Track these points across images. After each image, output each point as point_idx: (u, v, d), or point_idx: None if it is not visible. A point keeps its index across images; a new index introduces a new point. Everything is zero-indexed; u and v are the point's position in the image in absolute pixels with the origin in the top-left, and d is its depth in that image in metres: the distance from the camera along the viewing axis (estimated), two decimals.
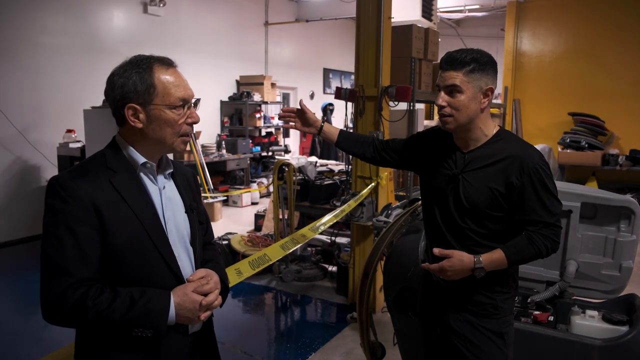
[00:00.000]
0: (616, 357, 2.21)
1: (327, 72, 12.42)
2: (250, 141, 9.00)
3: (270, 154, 9.47)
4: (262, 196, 8.68)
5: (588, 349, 2.23)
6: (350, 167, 4.29)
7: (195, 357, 1.44)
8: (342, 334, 3.72)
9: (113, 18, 7.12)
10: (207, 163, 7.48)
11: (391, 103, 3.95)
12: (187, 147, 6.95)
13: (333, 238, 4.78)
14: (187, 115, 1.33)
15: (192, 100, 1.35)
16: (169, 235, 1.34)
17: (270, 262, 2.61)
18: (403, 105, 4.22)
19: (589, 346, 2.23)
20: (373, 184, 3.94)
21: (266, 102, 9.34)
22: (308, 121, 2.00)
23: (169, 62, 1.33)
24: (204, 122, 8.21)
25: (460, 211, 1.71)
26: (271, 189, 5.55)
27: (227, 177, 8.47)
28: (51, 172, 6.18)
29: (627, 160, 7.79)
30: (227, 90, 9.27)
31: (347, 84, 12.64)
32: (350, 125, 4.27)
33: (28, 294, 4.47)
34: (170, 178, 1.43)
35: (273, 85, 9.50)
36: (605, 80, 8.38)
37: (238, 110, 9.24)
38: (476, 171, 1.69)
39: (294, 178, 4.73)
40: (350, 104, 4.10)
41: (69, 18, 6.51)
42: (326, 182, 4.86)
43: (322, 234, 4.48)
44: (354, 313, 3.84)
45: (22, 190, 6.12)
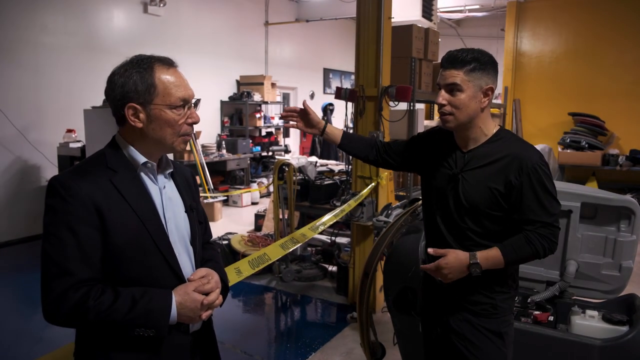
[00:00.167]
0: (616, 357, 2.21)
1: (327, 72, 12.42)
2: (251, 141, 9.01)
3: (270, 153, 9.48)
4: (262, 196, 8.68)
5: (588, 349, 2.23)
6: (350, 167, 4.29)
7: (196, 356, 1.44)
8: (342, 334, 3.72)
9: (113, 18, 7.12)
10: (207, 163, 7.48)
11: (391, 103, 3.95)
12: (187, 147, 6.95)
13: (333, 238, 4.78)
14: (187, 116, 1.33)
15: (193, 100, 1.35)
16: (169, 235, 1.34)
17: (270, 262, 2.61)
18: (403, 105, 4.23)
19: (589, 346, 2.24)
20: (373, 184, 3.94)
21: (266, 102, 9.34)
22: (311, 122, 1.99)
23: (170, 62, 1.33)
24: (204, 122, 8.20)
25: (459, 210, 1.71)
26: (271, 189, 5.55)
27: (227, 177, 8.47)
28: (51, 172, 6.18)
29: (627, 161, 7.79)
30: (227, 90, 9.27)
31: (347, 84, 12.64)
32: (351, 125, 4.27)
33: (28, 294, 4.47)
34: (170, 178, 1.43)
35: (273, 85, 9.51)
36: (605, 80, 8.37)
37: (238, 110, 9.25)
38: (476, 170, 1.69)
39: (294, 178, 4.73)
40: (350, 104, 4.10)
41: (69, 18, 6.51)
42: (326, 182, 4.86)
43: (322, 233, 4.49)
44: (354, 313, 3.84)
45: (22, 190, 6.12)
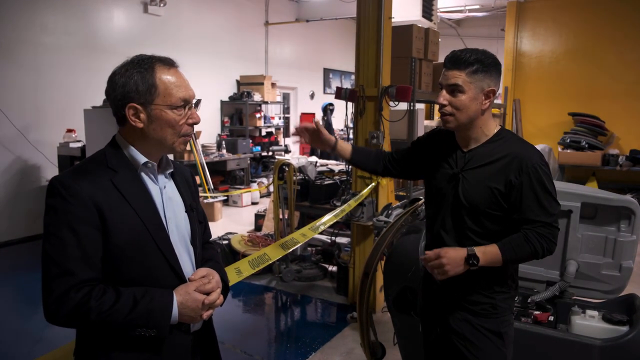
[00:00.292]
0: (616, 357, 2.21)
1: (327, 72, 12.42)
2: (251, 141, 9.01)
3: (270, 153, 9.48)
4: (262, 196, 8.68)
5: (588, 349, 2.23)
6: (350, 167, 4.29)
7: (197, 356, 1.44)
8: (342, 334, 3.72)
9: (113, 18, 7.13)
10: (207, 163, 7.48)
11: (391, 103, 3.95)
12: (188, 147, 6.96)
13: (333, 238, 4.78)
14: (188, 116, 1.33)
15: (193, 100, 1.35)
16: (170, 235, 1.34)
17: (270, 262, 2.61)
18: (403, 105, 4.23)
19: (589, 346, 2.24)
20: (373, 183, 3.94)
21: (266, 102, 9.34)
22: (323, 140, 1.99)
23: (171, 62, 1.33)
24: (204, 122, 8.19)
25: (459, 210, 1.71)
26: (271, 188, 5.55)
27: (227, 177, 8.47)
28: (51, 171, 6.18)
29: (627, 161, 7.79)
30: (228, 90, 9.27)
31: (347, 84, 12.64)
32: (351, 125, 4.27)
33: (28, 294, 4.47)
34: (170, 178, 1.43)
35: (273, 85, 9.51)
36: (605, 80, 8.37)
37: (238, 110, 9.25)
38: (476, 170, 1.70)
39: (294, 178, 4.73)
40: (350, 104, 4.10)
41: (70, 18, 6.51)
42: (326, 182, 4.85)
43: (322, 233, 4.49)
44: (354, 313, 3.84)
45: (22, 190, 6.12)
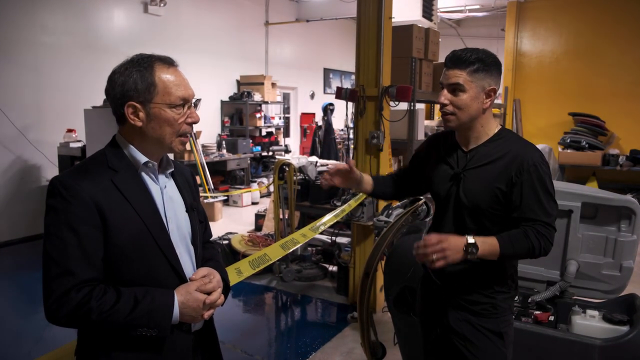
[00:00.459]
0: (616, 357, 2.22)
1: (327, 72, 12.42)
2: (251, 141, 9.01)
3: (270, 153, 9.48)
4: (262, 196, 8.68)
5: (588, 349, 2.23)
6: None
7: (198, 356, 1.44)
8: (343, 334, 3.72)
9: (113, 17, 7.13)
10: (207, 163, 7.48)
11: (392, 103, 3.95)
12: (188, 147, 6.96)
13: (333, 238, 4.78)
14: (186, 115, 1.33)
15: (193, 100, 1.35)
16: (170, 235, 1.34)
17: (271, 262, 2.61)
18: (403, 105, 4.23)
19: (589, 346, 2.24)
20: None
21: (266, 102, 9.34)
22: (352, 178, 1.88)
23: (170, 61, 1.33)
24: (204, 122, 8.21)
25: (460, 209, 1.71)
26: (271, 188, 5.55)
27: (228, 177, 8.47)
28: (51, 171, 6.18)
29: (627, 161, 7.78)
30: (228, 90, 9.28)
31: (348, 84, 12.64)
32: (351, 125, 4.27)
33: (28, 294, 4.48)
34: (170, 177, 1.43)
35: (273, 85, 9.51)
36: (605, 80, 8.37)
37: (238, 110, 9.25)
38: (477, 169, 1.70)
39: (295, 178, 4.73)
40: (350, 104, 4.11)
41: (70, 17, 6.51)
42: None
43: (322, 233, 4.48)
44: (354, 313, 3.84)
45: (22, 189, 6.12)
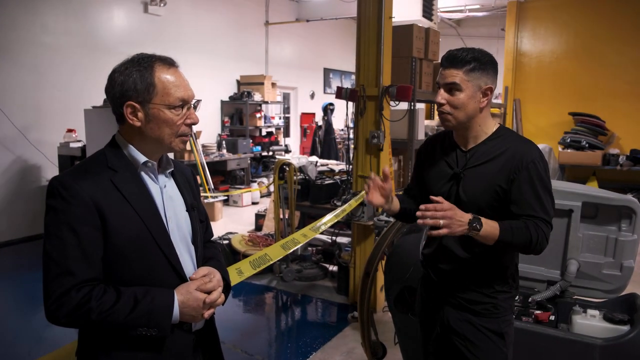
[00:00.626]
0: (617, 357, 2.21)
1: (327, 72, 12.42)
2: (251, 141, 9.01)
3: (270, 153, 9.48)
4: (262, 196, 8.68)
5: (589, 349, 2.23)
6: (350, 166, 4.29)
7: (198, 355, 1.44)
8: (343, 334, 3.71)
9: (113, 18, 7.13)
10: (207, 163, 7.48)
11: (392, 103, 3.95)
12: (188, 147, 6.96)
13: (334, 238, 4.78)
14: (186, 116, 1.32)
15: (193, 101, 1.34)
16: (170, 234, 1.34)
17: (271, 262, 2.61)
18: (404, 105, 4.23)
19: (590, 345, 2.23)
20: None
21: (267, 102, 9.35)
22: (387, 193, 1.78)
23: (171, 62, 1.33)
24: (204, 122, 8.22)
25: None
26: (271, 188, 5.55)
27: (228, 177, 8.47)
28: (52, 171, 6.18)
29: (627, 160, 7.78)
30: (228, 90, 9.28)
31: (348, 84, 12.64)
32: (351, 125, 4.27)
33: (28, 294, 4.48)
34: (170, 177, 1.42)
35: (273, 85, 9.51)
36: (605, 80, 8.36)
37: (238, 110, 9.25)
38: (477, 168, 1.70)
39: (295, 178, 4.73)
40: (351, 104, 4.11)
41: (70, 17, 6.51)
42: (327, 182, 4.85)
43: (322, 233, 4.48)
44: (354, 312, 3.84)
45: (22, 189, 6.12)
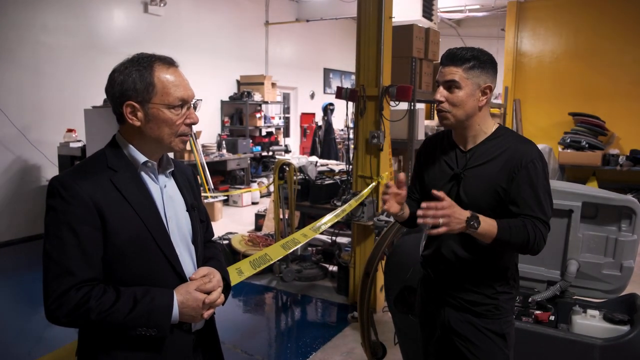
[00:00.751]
0: (617, 357, 2.21)
1: (327, 72, 12.42)
2: (251, 141, 9.01)
3: (270, 153, 9.48)
4: (262, 196, 8.68)
5: (589, 349, 2.23)
6: (350, 166, 4.29)
7: (198, 355, 1.44)
8: (343, 334, 3.71)
9: (113, 17, 7.13)
10: (207, 163, 7.48)
11: (392, 103, 3.95)
12: (188, 147, 6.95)
13: (334, 238, 4.78)
14: (185, 116, 1.32)
15: (193, 101, 1.34)
16: (170, 234, 1.34)
17: (271, 262, 2.61)
18: (404, 105, 4.23)
19: (590, 346, 2.23)
20: (374, 183, 3.94)
21: (267, 102, 9.35)
22: (401, 199, 1.72)
23: (171, 62, 1.32)
24: (204, 122, 8.21)
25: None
26: (271, 188, 5.55)
27: (228, 177, 8.47)
28: (52, 171, 6.18)
29: (627, 161, 7.78)
30: (228, 90, 9.27)
31: (348, 84, 12.64)
32: (351, 125, 4.27)
33: (28, 294, 4.48)
34: (171, 177, 1.42)
35: (273, 85, 9.51)
36: (605, 80, 8.37)
37: (238, 110, 9.25)
38: (477, 168, 1.69)
39: (295, 178, 4.73)
40: (351, 104, 4.11)
41: (70, 17, 6.51)
42: (327, 182, 4.85)
43: (322, 233, 4.49)
44: (354, 312, 3.84)
45: (22, 189, 6.12)
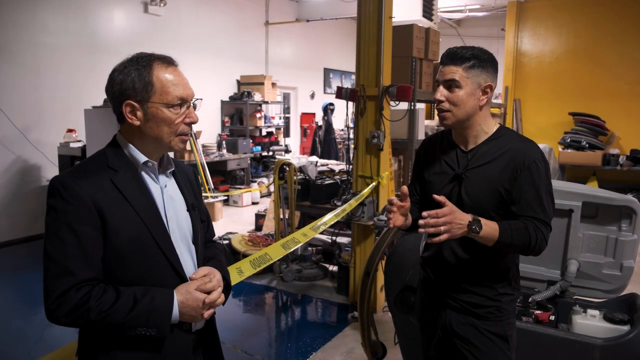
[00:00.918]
0: (617, 357, 2.21)
1: (327, 71, 12.42)
2: (251, 141, 9.01)
3: (270, 153, 9.48)
4: (262, 196, 8.68)
5: (589, 348, 2.23)
6: (351, 166, 4.29)
7: (198, 355, 1.44)
8: (343, 334, 3.71)
9: (114, 18, 7.13)
10: (207, 163, 7.48)
11: (392, 102, 3.95)
12: (188, 147, 6.95)
13: (334, 238, 4.78)
14: (185, 115, 1.32)
15: (192, 100, 1.34)
16: (171, 234, 1.34)
17: (272, 261, 2.61)
18: (404, 105, 4.23)
19: (590, 345, 2.23)
20: (374, 183, 3.94)
21: (267, 102, 9.35)
22: (405, 211, 1.69)
23: (170, 61, 1.33)
24: (204, 122, 8.21)
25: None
26: (271, 188, 5.55)
27: (228, 177, 8.47)
28: (52, 171, 6.18)
29: (627, 160, 7.78)
30: (228, 90, 9.28)
31: (348, 84, 12.64)
32: (351, 125, 4.27)
33: (29, 294, 4.48)
34: (171, 176, 1.42)
35: (273, 85, 9.51)
36: (605, 80, 8.37)
37: (239, 110, 9.25)
38: (479, 168, 1.68)
39: (295, 178, 4.73)
40: (351, 104, 4.10)
41: (70, 17, 6.51)
42: (327, 182, 4.85)
43: (322, 233, 4.49)
44: (354, 312, 3.84)
45: (22, 189, 6.12)
